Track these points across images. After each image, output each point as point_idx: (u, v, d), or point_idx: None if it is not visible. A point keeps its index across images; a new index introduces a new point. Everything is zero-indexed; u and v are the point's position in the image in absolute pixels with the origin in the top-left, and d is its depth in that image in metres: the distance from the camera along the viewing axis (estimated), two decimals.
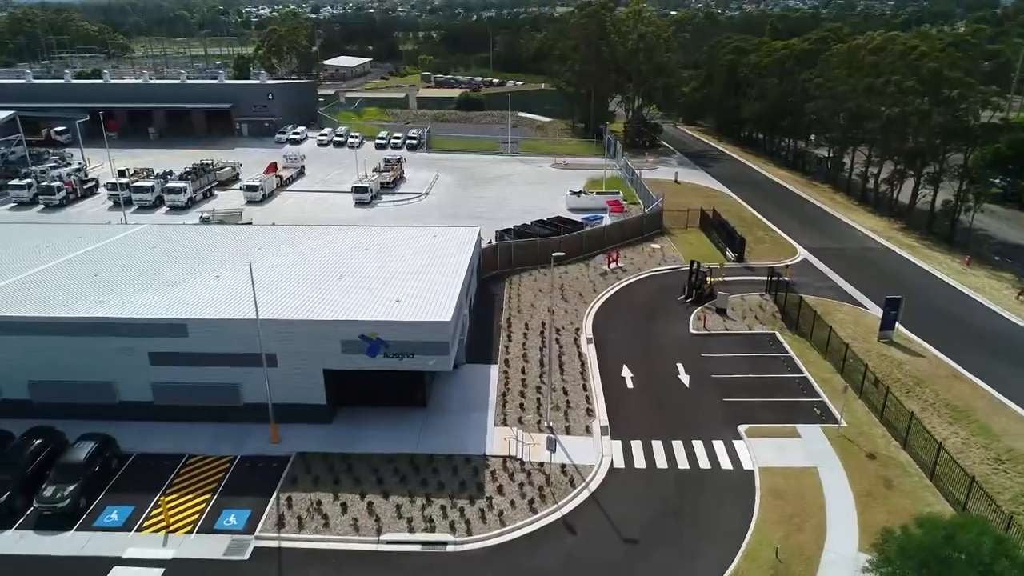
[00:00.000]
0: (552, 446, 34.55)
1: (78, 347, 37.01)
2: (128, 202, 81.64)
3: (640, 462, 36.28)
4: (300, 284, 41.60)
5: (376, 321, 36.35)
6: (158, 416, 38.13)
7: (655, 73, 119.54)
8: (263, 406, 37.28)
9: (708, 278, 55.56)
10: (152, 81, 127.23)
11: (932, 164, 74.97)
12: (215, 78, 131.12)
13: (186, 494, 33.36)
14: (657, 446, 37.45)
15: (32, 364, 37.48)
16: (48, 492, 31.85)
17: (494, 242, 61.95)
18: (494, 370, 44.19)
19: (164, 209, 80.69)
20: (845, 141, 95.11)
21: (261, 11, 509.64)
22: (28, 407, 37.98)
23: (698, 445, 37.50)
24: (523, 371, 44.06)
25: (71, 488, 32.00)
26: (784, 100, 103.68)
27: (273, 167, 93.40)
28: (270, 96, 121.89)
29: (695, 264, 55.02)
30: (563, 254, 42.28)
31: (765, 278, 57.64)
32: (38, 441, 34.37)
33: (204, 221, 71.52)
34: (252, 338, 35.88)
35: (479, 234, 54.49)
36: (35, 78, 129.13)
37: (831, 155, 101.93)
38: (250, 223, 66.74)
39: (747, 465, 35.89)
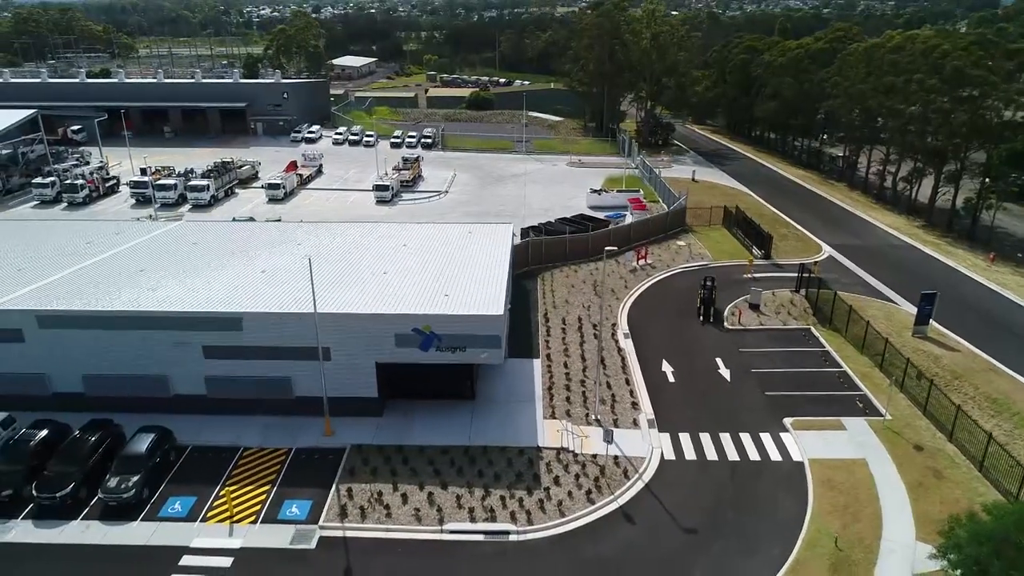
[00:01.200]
0: (609, 437, 34.93)
1: (133, 340, 37.39)
2: (152, 199, 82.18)
3: (690, 454, 36.73)
4: (346, 279, 41.96)
5: (429, 314, 36.76)
6: (210, 409, 38.48)
7: (668, 72, 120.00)
8: (315, 399, 37.72)
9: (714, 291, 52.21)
10: (167, 80, 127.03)
11: (953, 162, 75.50)
12: (228, 77, 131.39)
13: (246, 485, 33.76)
14: (705, 438, 37.92)
15: (86, 358, 37.85)
16: (112, 483, 32.24)
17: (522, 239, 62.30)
18: (536, 364, 44.65)
19: (187, 207, 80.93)
20: (861, 139, 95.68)
21: (262, 11, 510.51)
22: (81, 400, 38.33)
23: (745, 438, 37.97)
24: (565, 365, 44.51)
25: (134, 479, 32.41)
26: (799, 99, 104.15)
27: (293, 165, 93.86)
28: (285, 95, 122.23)
29: (708, 281, 52.24)
30: (616, 248, 42.63)
31: (792, 274, 58.14)
32: (98, 433, 34.68)
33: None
34: (307, 331, 36.28)
35: (512, 230, 54.77)
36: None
37: (846, 154, 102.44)
38: (279, 220, 66.98)
39: (796, 457, 36.34)
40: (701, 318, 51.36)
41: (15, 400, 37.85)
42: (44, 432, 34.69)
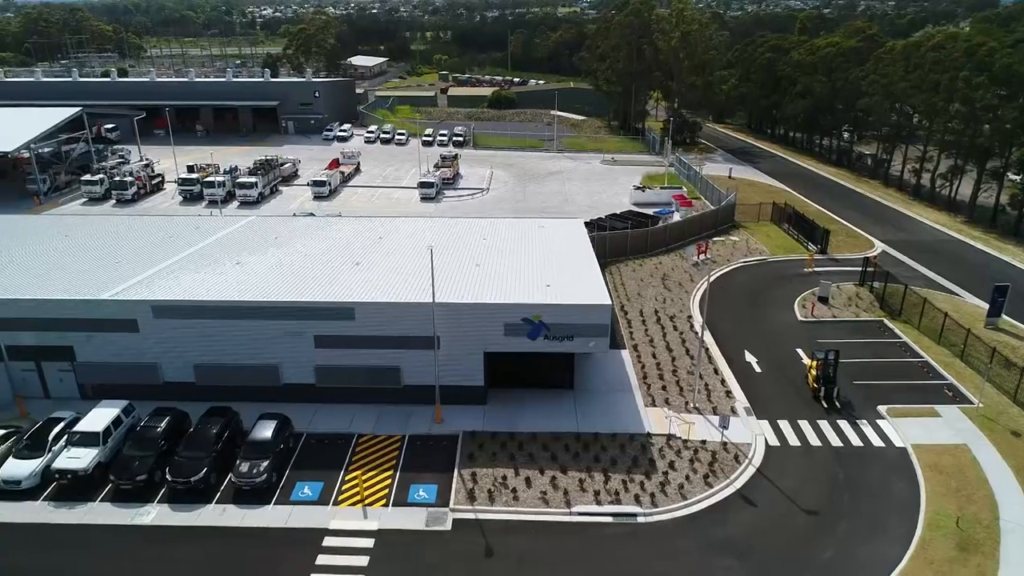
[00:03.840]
0: (725, 423, 35.84)
1: (246, 330, 38.10)
2: (199, 196, 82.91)
3: (793, 440, 37.60)
4: (442, 271, 42.32)
5: (540, 304, 37.57)
6: (317, 398, 39.19)
7: (697, 71, 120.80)
8: (421, 388, 38.60)
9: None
10: (198, 79, 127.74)
11: (998, 158, 76.55)
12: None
13: (369, 470, 34.49)
14: (804, 425, 38.81)
15: (198, 347, 38.56)
16: (244, 468, 32.97)
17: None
18: (625, 355, 45.48)
19: (236, 204, 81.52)
20: (895, 137, 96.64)
21: (264, 11, 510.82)
22: (191, 389, 39.01)
23: (844, 424, 38.86)
24: (654, 356, 45.42)
25: (264, 464, 33.14)
26: (831, 97, 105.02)
27: (335, 163, 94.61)
28: (316, 94, 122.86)
29: (828, 354, 40.74)
30: (721, 239, 43.36)
31: (849, 269, 59.56)
32: (221, 420, 35.39)
33: None
34: (419, 321, 37.13)
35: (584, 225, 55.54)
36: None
37: (879, 152, 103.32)
38: (339, 215, 67.66)
39: (898, 443, 37.23)
40: (824, 403, 40.33)
41: (128, 389, 38.46)
42: (167, 419, 35.35)
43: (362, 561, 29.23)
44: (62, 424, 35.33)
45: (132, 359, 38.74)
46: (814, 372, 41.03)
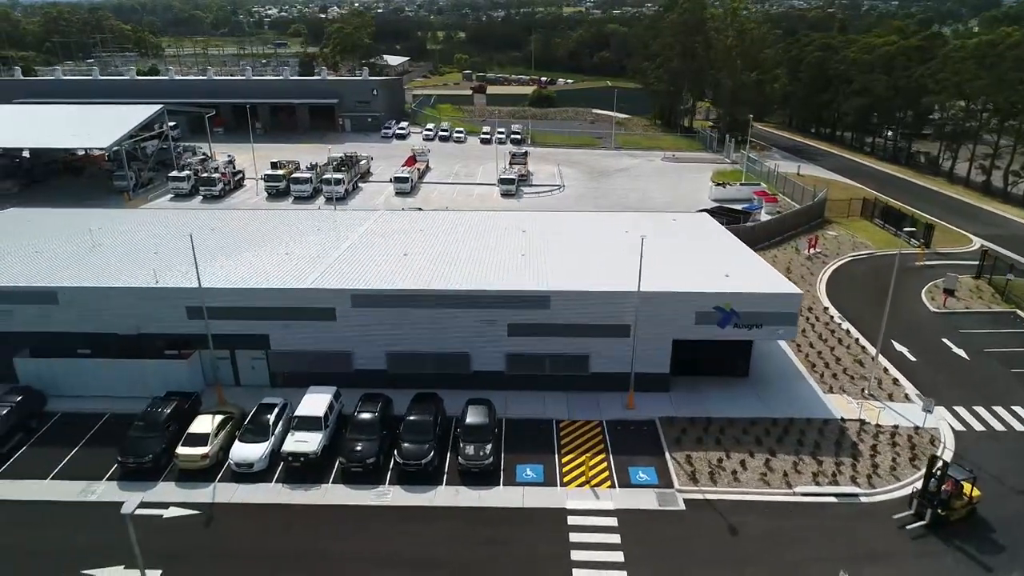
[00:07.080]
0: (929, 407, 36.87)
1: (441, 318, 38.89)
2: (285, 193, 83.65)
3: (976, 425, 38.61)
4: (612, 262, 43.17)
5: (733, 293, 38.43)
6: (505, 385, 40.00)
7: (751, 70, 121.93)
8: (609, 375, 39.58)
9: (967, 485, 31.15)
10: (255, 77, 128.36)
11: None
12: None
13: (582, 453, 35.32)
14: (980, 411, 39.79)
15: (391, 335, 39.34)
16: (470, 451, 33.81)
17: None
18: (783, 344, 46.37)
19: (322, 200, 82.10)
20: (962, 135, 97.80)
21: (269, 11, 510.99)
22: (382, 377, 39.80)
23: (1019, 410, 39.77)
24: (811, 345, 46.38)
25: (488, 447, 33.96)
26: (892, 95, 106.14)
27: (412, 160, 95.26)
28: (374, 92, 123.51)
29: (941, 464, 30.86)
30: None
31: (957, 262, 61.29)
32: (433, 406, 36.23)
33: None
34: (612, 309, 38.09)
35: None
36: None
37: (941, 149, 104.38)
38: (447, 209, 68.46)
39: None
40: (913, 511, 31.47)
41: (319, 377, 39.05)
42: (380, 404, 36.14)
43: (614, 539, 30.07)
44: (276, 410, 36.03)
45: (326, 347, 39.48)
46: (941, 489, 30.46)
